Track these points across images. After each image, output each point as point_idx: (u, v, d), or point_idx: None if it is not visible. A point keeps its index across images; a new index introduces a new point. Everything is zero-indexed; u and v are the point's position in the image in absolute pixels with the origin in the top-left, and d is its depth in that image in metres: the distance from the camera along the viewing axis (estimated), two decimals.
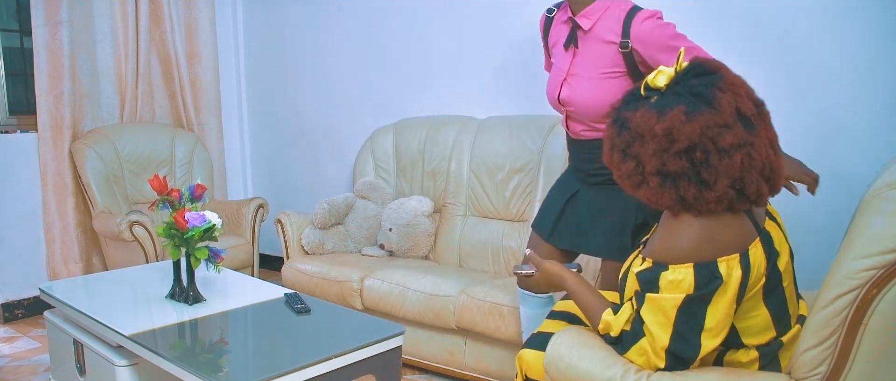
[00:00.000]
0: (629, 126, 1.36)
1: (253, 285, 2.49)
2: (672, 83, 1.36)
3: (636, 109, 1.36)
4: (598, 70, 1.91)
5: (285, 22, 4.20)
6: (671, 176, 1.31)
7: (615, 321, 1.44)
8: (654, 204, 1.37)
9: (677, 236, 1.33)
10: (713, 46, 2.70)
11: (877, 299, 1.18)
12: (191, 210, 2.11)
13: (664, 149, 1.30)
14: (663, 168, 1.31)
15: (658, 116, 1.31)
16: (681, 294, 1.31)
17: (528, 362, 1.60)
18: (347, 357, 1.80)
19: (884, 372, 1.24)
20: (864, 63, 2.38)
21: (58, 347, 2.40)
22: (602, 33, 1.90)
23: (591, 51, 1.92)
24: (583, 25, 1.92)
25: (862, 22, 2.38)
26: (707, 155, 1.28)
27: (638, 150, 1.35)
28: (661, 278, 1.33)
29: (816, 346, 1.24)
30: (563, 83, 1.97)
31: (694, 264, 1.31)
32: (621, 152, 1.39)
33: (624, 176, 1.40)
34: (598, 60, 1.91)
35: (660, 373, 1.35)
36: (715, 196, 1.29)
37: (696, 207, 1.31)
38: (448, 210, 3.21)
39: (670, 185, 1.32)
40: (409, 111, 3.63)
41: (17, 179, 3.54)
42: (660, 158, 1.31)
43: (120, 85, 3.85)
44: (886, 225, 1.18)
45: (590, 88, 1.92)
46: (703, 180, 1.29)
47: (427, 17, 3.54)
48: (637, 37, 1.84)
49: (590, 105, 1.92)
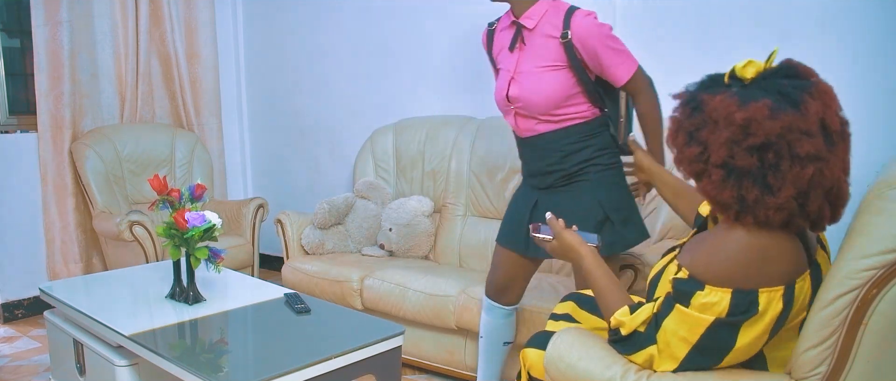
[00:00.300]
0: (704, 109, 1.27)
1: (253, 285, 2.49)
2: (759, 78, 1.29)
3: (715, 94, 1.28)
4: (542, 63, 2.00)
5: (285, 22, 4.20)
6: (736, 172, 1.23)
7: (630, 321, 1.37)
8: (710, 199, 1.28)
9: (723, 255, 1.26)
10: (714, 46, 2.72)
11: (877, 299, 1.18)
12: (191, 210, 2.11)
13: (737, 140, 1.22)
14: (730, 161, 1.23)
15: (740, 105, 1.22)
16: (711, 317, 1.26)
17: (531, 360, 1.60)
18: (347, 357, 1.80)
19: (884, 372, 1.24)
20: (865, 63, 2.38)
21: (58, 347, 2.40)
22: (544, 29, 2.00)
23: (536, 46, 2.02)
24: (527, 25, 2.02)
25: (862, 21, 2.38)
26: (779, 159, 1.20)
27: (707, 136, 1.26)
28: (694, 296, 1.27)
29: (816, 346, 1.24)
30: (510, 82, 2.05)
31: (733, 290, 1.24)
32: (688, 134, 1.30)
33: (684, 160, 1.31)
34: (542, 54, 2.00)
35: (660, 374, 1.35)
36: (776, 203, 1.21)
37: (755, 211, 1.22)
38: (448, 210, 3.21)
39: (733, 181, 1.23)
40: (409, 111, 3.63)
41: (17, 179, 3.54)
42: (729, 149, 1.23)
43: (120, 85, 3.85)
44: (886, 225, 1.18)
45: (535, 81, 2.00)
46: (768, 184, 1.21)
47: (427, 17, 3.54)
48: (577, 32, 1.94)
49: (536, 97, 2.00)
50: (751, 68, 1.30)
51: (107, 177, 3.58)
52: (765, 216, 1.22)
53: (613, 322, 1.41)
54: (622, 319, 1.39)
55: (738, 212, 1.24)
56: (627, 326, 1.37)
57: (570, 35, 1.95)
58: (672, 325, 1.30)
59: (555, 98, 1.99)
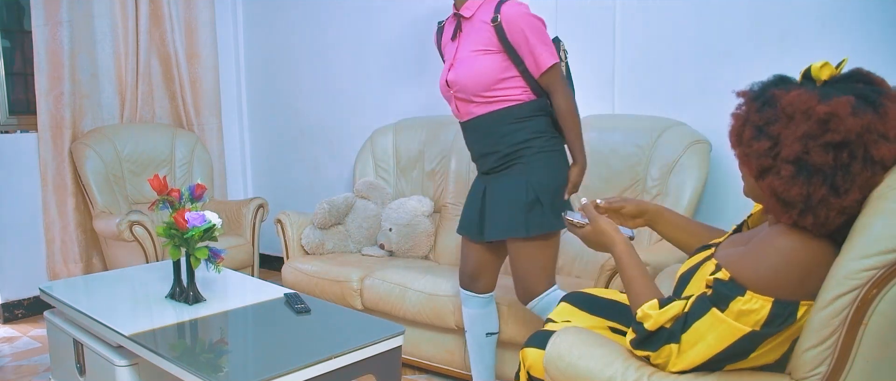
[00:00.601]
0: (777, 104, 1.23)
1: (253, 285, 2.49)
2: (832, 80, 1.26)
3: (789, 90, 1.24)
4: (476, 47, 2.12)
5: (285, 22, 4.20)
6: (808, 169, 1.19)
7: (658, 316, 1.32)
8: (775, 197, 1.24)
9: (769, 262, 1.22)
10: (714, 46, 2.72)
11: (877, 299, 1.18)
12: (191, 210, 2.11)
13: (814, 135, 1.18)
14: (805, 157, 1.19)
15: (820, 99, 1.19)
16: (747, 328, 1.23)
17: (531, 360, 1.60)
18: (347, 357, 1.80)
19: (884, 372, 1.24)
20: (864, 63, 2.37)
21: (58, 347, 2.40)
22: (480, 17, 2.13)
23: (472, 33, 2.14)
24: (465, 14, 2.15)
25: (862, 22, 2.38)
26: (852, 160, 1.17)
27: (779, 130, 1.22)
28: (734, 301, 1.23)
29: (816, 346, 1.23)
30: (449, 69, 2.19)
31: (774, 300, 1.21)
32: (756, 128, 1.26)
33: (752, 155, 1.26)
34: (476, 39, 2.12)
35: (662, 374, 1.35)
36: (841, 205, 1.19)
37: (817, 211, 1.19)
38: (448, 210, 3.21)
39: (804, 179, 1.19)
40: (409, 111, 3.63)
41: (17, 179, 3.54)
42: (804, 144, 1.18)
43: (120, 85, 3.85)
44: (887, 225, 1.17)
45: (469, 64, 2.12)
46: (835, 186, 1.18)
47: (427, 16, 3.54)
48: (505, 15, 2.05)
49: (470, 78, 2.11)
50: (826, 70, 1.27)
51: (107, 177, 3.58)
52: (825, 217, 1.20)
53: (640, 314, 1.36)
54: (650, 312, 1.34)
55: (802, 211, 1.21)
56: (654, 321, 1.33)
57: (499, 18, 2.06)
58: (703, 328, 1.27)
59: (487, 79, 2.09)
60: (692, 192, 2.51)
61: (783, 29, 2.53)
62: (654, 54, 2.86)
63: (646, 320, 1.34)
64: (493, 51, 2.09)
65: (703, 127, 2.64)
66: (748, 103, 1.30)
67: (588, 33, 2.99)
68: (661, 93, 2.84)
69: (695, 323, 1.28)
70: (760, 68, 2.57)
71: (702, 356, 1.28)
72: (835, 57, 2.60)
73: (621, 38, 2.93)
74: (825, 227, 1.21)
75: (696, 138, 2.58)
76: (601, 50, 2.97)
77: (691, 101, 2.75)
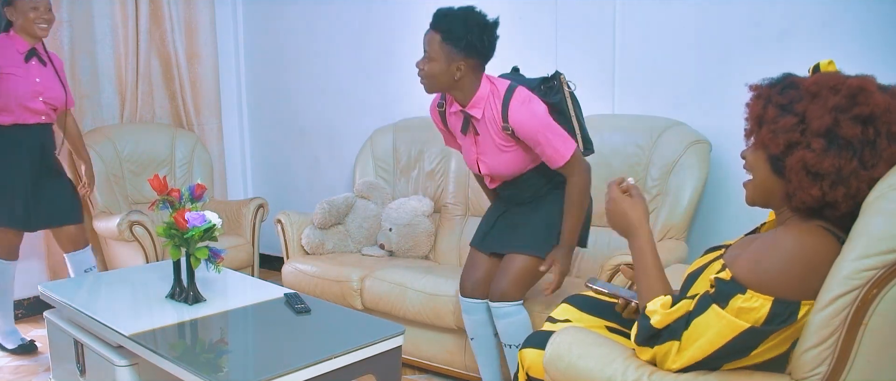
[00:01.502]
0: (800, 85, 1.28)
1: (253, 285, 2.49)
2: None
3: (807, 77, 1.30)
4: (497, 145, 2.21)
5: (285, 22, 4.20)
6: (839, 141, 1.22)
7: (665, 316, 1.33)
8: (806, 169, 1.25)
9: (768, 262, 1.23)
10: (714, 46, 2.72)
11: (877, 299, 1.18)
12: (191, 210, 2.11)
13: (843, 108, 1.22)
14: (835, 128, 1.22)
15: (848, 77, 1.24)
16: (745, 324, 1.23)
17: (530, 360, 1.60)
18: (347, 357, 1.80)
19: (884, 372, 1.24)
20: (865, 63, 2.37)
21: (58, 347, 2.40)
22: (490, 119, 2.18)
23: (488, 133, 2.21)
24: (475, 115, 2.19)
25: (862, 22, 2.38)
26: (877, 136, 1.22)
27: (805, 106, 1.25)
28: (733, 299, 1.24)
29: (817, 346, 1.23)
30: (477, 161, 2.29)
31: (774, 299, 1.22)
32: (780, 107, 1.28)
33: (778, 131, 1.27)
34: (494, 139, 2.21)
35: (661, 373, 1.35)
36: (870, 177, 1.22)
37: (849, 183, 1.22)
38: (448, 210, 3.21)
39: (835, 151, 1.22)
40: (409, 111, 3.63)
41: None
42: (834, 116, 1.22)
43: (120, 85, 3.85)
44: (887, 225, 1.18)
45: (497, 160, 2.23)
46: (863, 159, 1.22)
47: (427, 16, 3.54)
48: (514, 123, 2.12)
49: (504, 168, 2.24)
50: (833, 67, 1.33)
51: (107, 177, 3.58)
52: (856, 189, 1.23)
53: (648, 309, 1.36)
54: (659, 309, 1.34)
55: (834, 182, 1.23)
56: (661, 319, 1.33)
57: (510, 127, 2.13)
58: (703, 325, 1.27)
59: (519, 166, 2.24)
60: (692, 192, 2.51)
61: (783, 29, 2.53)
62: (654, 54, 2.86)
63: (653, 315, 1.34)
64: (513, 147, 2.20)
65: (703, 127, 2.64)
66: (767, 89, 1.33)
67: (588, 33, 2.99)
68: (661, 93, 2.84)
69: (695, 320, 1.28)
70: (760, 68, 2.57)
71: (702, 351, 1.28)
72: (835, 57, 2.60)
73: (621, 38, 2.93)
74: (855, 198, 1.24)
75: (696, 138, 2.58)
76: (601, 50, 2.97)
77: (691, 101, 2.75)
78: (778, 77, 1.35)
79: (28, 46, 2.86)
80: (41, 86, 2.86)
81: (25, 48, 2.85)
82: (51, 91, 2.90)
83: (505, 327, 2.27)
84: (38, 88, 2.86)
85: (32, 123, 2.88)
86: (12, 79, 2.79)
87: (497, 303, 2.27)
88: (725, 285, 1.26)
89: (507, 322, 2.26)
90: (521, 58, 3.24)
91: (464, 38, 2.07)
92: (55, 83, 2.92)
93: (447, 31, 2.09)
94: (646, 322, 1.35)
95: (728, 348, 1.26)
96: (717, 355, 1.28)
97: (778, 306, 1.22)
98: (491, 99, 2.16)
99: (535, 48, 3.16)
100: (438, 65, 2.10)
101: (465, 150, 2.33)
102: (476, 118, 2.19)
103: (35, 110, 2.86)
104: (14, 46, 2.83)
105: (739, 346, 1.26)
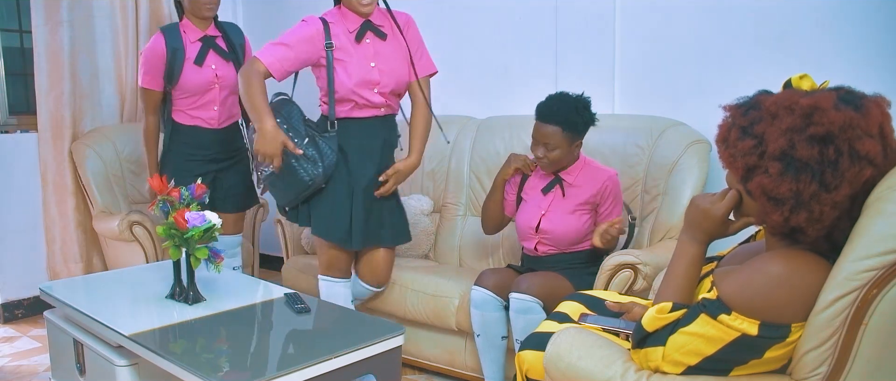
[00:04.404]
0: (762, 106, 1.25)
1: (253, 285, 2.49)
2: (812, 92, 1.26)
3: (772, 95, 1.27)
4: (574, 208, 2.38)
5: (285, 22, 4.18)
6: (795, 164, 1.18)
7: (655, 319, 1.32)
8: (766, 194, 1.22)
9: (753, 289, 1.21)
10: (714, 46, 2.72)
11: (877, 299, 1.19)
12: (191, 210, 2.11)
13: (798, 128, 1.18)
14: (790, 151, 1.19)
15: (804, 95, 1.20)
16: (736, 333, 1.23)
17: (529, 362, 1.60)
18: (347, 357, 1.80)
19: (884, 372, 1.24)
20: (864, 63, 2.38)
21: (58, 347, 2.40)
22: (580, 185, 2.40)
23: (571, 196, 2.39)
24: (568, 180, 2.40)
25: (862, 22, 2.38)
26: (838, 156, 1.17)
27: (764, 128, 1.22)
28: (720, 316, 1.23)
29: (817, 347, 1.24)
30: (541, 217, 2.40)
31: (761, 322, 1.21)
32: (741, 129, 1.26)
33: (736, 154, 1.26)
34: (576, 201, 2.38)
35: (660, 375, 1.35)
36: (832, 200, 1.18)
37: (810, 207, 1.18)
38: (448, 210, 3.21)
39: (792, 174, 1.18)
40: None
41: (17, 179, 3.54)
42: (789, 138, 1.19)
43: (120, 85, 3.85)
44: (886, 226, 1.18)
45: (567, 222, 2.38)
46: (825, 182, 1.17)
47: (427, 16, 3.54)
48: (602, 193, 2.38)
49: (567, 235, 2.38)
50: (806, 81, 1.28)
51: (107, 177, 3.58)
52: (820, 213, 1.19)
53: (648, 312, 1.36)
54: (654, 313, 1.33)
55: (793, 207, 1.20)
56: (651, 322, 1.32)
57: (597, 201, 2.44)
58: (691, 332, 1.26)
59: (578, 235, 2.43)
60: (692, 192, 2.51)
61: (783, 29, 2.53)
62: (654, 54, 2.86)
63: (646, 316, 1.34)
64: (586, 211, 2.42)
65: (703, 127, 2.64)
66: (734, 109, 1.32)
67: (588, 33, 2.99)
68: (661, 93, 2.84)
69: (683, 328, 1.28)
70: (760, 69, 2.58)
71: (692, 359, 1.28)
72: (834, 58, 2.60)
73: (621, 38, 2.93)
74: (820, 222, 1.21)
75: (695, 138, 2.58)
76: (601, 50, 2.97)
77: (691, 101, 2.75)
78: (749, 96, 1.32)
79: (201, 34, 3.11)
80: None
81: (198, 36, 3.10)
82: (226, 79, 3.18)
83: (524, 324, 2.22)
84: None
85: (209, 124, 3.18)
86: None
87: (521, 294, 2.24)
88: (713, 304, 1.25)
89: (525, 320, 2.22)
90: (521, 58, 3.25)
91: (580, 123, 2.32)
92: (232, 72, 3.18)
93: (566, 123, 2.29)
94: (639, 326, 1.36)
95: (721, 355, 1.26)
96: (712, 361, 1.27)
97: (765, 330, 1.22)
98: (583, 172, 2.41)
99: (535, 48, 3.17)
100: (562, 151, 2.33)
101: (530, 207, 2.44)
102: (567, 182, 2.39)
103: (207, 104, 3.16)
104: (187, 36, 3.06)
105: (738, 353, 1.25)
